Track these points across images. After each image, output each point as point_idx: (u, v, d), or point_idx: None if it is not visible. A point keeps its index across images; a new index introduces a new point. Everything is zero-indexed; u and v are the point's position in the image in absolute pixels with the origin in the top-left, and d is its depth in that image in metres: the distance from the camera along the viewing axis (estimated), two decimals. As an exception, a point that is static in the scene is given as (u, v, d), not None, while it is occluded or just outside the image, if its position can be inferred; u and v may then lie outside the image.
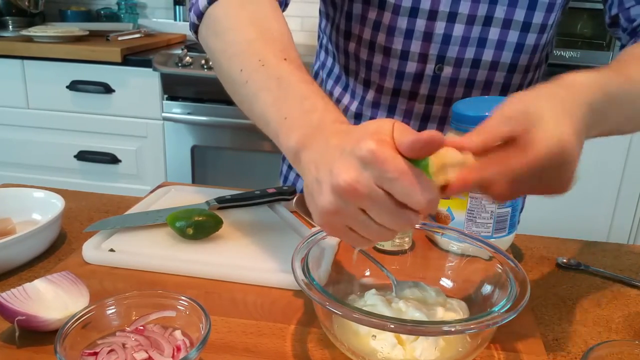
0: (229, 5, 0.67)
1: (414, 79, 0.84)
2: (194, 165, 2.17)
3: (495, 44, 0.80)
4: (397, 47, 0.82)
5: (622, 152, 1.92)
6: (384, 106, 0.87)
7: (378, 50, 0.84)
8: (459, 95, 0.84)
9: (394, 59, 0.83)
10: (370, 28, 0.83)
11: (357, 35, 0.85)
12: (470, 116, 0.69)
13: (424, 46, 0.81)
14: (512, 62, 0.82)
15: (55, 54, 2.08)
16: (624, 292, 0.69)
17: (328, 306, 0.48)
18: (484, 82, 0.84)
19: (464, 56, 0.81)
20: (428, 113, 0.86)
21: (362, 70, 0.87)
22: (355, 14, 0.84)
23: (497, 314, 0.48)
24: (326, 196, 0.45)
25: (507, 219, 0.71)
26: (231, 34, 0.64)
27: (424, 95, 0.85)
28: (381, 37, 0.82)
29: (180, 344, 0.51)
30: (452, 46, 0.81)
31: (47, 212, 0.74)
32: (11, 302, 0.53)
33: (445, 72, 0.83)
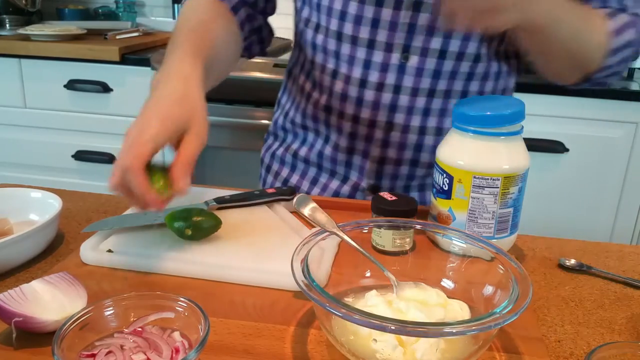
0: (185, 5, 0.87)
1: (381, 68, 0.86)
2: (271, 158, 2.16)
3: (462, 35, 0.83)
4: (364, 36, 0.84)
5: (625, 152, 1.92)
6: (352, 98, 0.89)
7: (345, 40, 0.86)
8: (425, 86, 0.86)
9: (361, 47, 0.85)
10: (337, 18, 0.85)
11: (325, 27, 0.87)
12: (472, 116, 0.69)
13: (389, 35, 0.83)
14: (477, 52, 0.84)
15: (52, 53, 2.07)
16: (627, 293, 0.69)
17: (328, 307, 0.48)
18: (450, 72, 0.85)
19: (429, 46, 0.83)
20: (395, 103, 0.87)
21: (330, 62, 0.89)
22: (323, 5, 0.86)
23: (499, 315, 0.48)
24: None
25: (509, 220, 0.70)
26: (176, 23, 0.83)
27: (391, 85, 0.86)
28: (348, 27, 0.85)
29: (179, 346, 0.51)
30: (417, 35, 0.82)
31: (45, 213, 0.73)
32: (8, 303, 0.52)
33: (411, 61, 0.84)
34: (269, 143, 1.09)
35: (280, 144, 1.05)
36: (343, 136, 0.92)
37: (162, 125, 0.64)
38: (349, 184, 0.96)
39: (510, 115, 0.68)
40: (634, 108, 1.87)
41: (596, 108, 1.88)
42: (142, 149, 0.61)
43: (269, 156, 1.08)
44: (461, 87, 0.87)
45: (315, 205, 0.68)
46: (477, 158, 0.68)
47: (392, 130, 0.88)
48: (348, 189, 0.96)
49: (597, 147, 1.91)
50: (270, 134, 1.09)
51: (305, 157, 1.00)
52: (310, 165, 0.99)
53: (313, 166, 0.99)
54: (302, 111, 0.99)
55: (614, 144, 1.91)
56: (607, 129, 1.90)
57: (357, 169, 0.94)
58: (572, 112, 1.89)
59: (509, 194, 0.69)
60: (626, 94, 1.89)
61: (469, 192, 0.69)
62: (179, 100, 0.66)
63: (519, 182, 0.69)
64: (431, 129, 0.89)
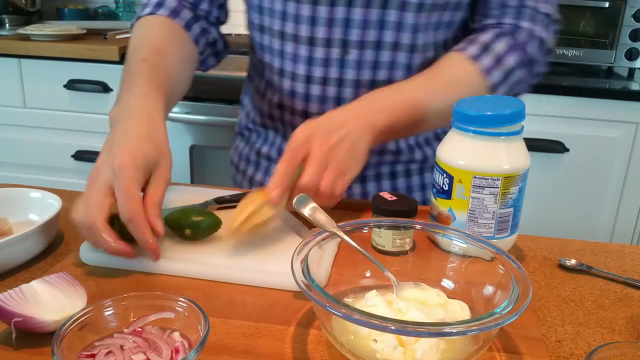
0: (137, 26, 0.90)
1: (323, 63, 0.88)
2: (193, 165, 2.17)
3: (395, 26, 0.85)
4: (304, 34, 0.87)
5: (625, 152, 1.92)
6: (300, 94, 0.92)
7: (288, 39, 0.89)
8: (366, 77, 0.88)
9: (303, 45, 0.88)
10: (279, 19, 0.88)
11: (269, 27, 0.90)
12: (472, 115, 0.69)
13: (328, 31, 0.86)
14: (412, 43, 0.87)
15: (52, 53, 2.07)
16: (627, 294, 0.69)
17: (328, 307, 0.48)
18: (389, 63, 0.88)
19: (366, 39, 0.86)
20: (340, 96, 0.90)
21: (276, 61, 0.92)
22: (265, 7, 0.89)
23: (499, 316, 0.48)
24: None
25: (510, 220, 0.70)
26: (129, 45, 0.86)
27: (335, 78, 0.89)
28: (289, 26, 0.88)
29: (179, 346, 0.51)
30: (354, 29, 0.85)
31: (44, 213, 0.73)
32: (8, 303, 0.52)
33: (351, 55, 0.87)
34: (236, 143, 1.12)
35: (245, 144, 1.08)
36: None
37: (135, 161, 0.65)
38: None
39: (511, 115, 0.68)
40: (634, 108, 1.87)
41: (596, 108, 1.88)
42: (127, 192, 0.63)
43: (236, 156, 1.10)
44: (402, 77, 0.89)
45: (315, 205, 0.68)
46: (477, 158, 0.68)
47: None
48: None
49: (597, 147, 1.91)
50: (237, 135, 1.12)
51: (267, 155, 1.02)
52: (273, 162, 1.02)
53: (274, 162, 1.02)
54: (260, 110, 1.02)
55: (614, 144, 1.91)
56: (608, 129, 1.90)
57: None
58: (572, 112, 1.89)
59: (509, 194, 0.69)
60: (626, 94, 1.89)
61: (469, 192, 0.69)
62: (146, 137, 0.68)
63: (519, 182, 0.69)
64: None
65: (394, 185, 1.00)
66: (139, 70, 0.79)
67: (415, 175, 1.01)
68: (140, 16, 0.91)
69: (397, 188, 1.00)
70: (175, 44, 0.88)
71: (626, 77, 2.10)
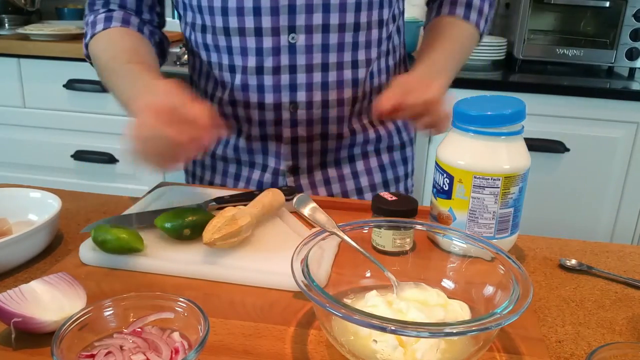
0: (95, 43, 0.93)
1: (273, 53, 0.89)
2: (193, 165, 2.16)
3: (338, 7, 0.87)
4: (249, 26, 0.88)
5: (626, 152, 1.91)
6: (253, 86, 0.92)
7: (233, 34, 0.89)
8: (317, 61, 0.90)
9: (250, 37, 0.89)
10: (220, 15, 0.88)
11: (211, 26, 0.91)
12: (472, 115, 0.69)
13: (274, 20, 0.87)
14: (355, 22, 0.89)
15: (51, 53, 2.07)
16: (627, 294, 0.69)
17: (328, 308, 0.47)
18: (337, 45, 0.90)
19: (312, 23, 0.87)
20: (294, 82, 0.91)
21: (224, 58, 0.93)
22: (203, 6, 0.90)
23: (500, 316, 0.48)
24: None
25: (510, 220, 0.70)
26: (99, 60, 0.91)
27: (286, 66, 0.90)
28: (233, 21, 0.88)
29: (179, 346, 0.50)
30: (299, 15, 0.87)
31: (44, 213, 0.73)
32: (7, 303, 0.52)
33: (299, 40, 0.88)
34: None
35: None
36: (253, 125, 0.95)
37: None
38: (269, 171, 0.99)
39: (511, 115, 0.68)
40: (634, 108, 1.87)
41: (597, 108, 1.88)
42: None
43: (190, 164, 1.11)
44: (350, 58, 0.91)
45: (315, 205, 0.68)
46: (477, 158, 0.68)
47: (297, 109, 0.92)
48: (270, 176, 0.99)
49: (597, 147, 1.91)
50: None
51: (222, 155, 1.03)
52: (229, 162, 1.02)
53: (232, 162, 1.02)
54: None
55: (615, 144, 1.91)
56: (608, 129, 1.90)
57: (273, 154, 0.97)
58: (572, 112, 1.89)
59: (509, 194, 0.68)
60: (627, 93, 1.88)
61: (470, 192, 0.69)
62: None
63: (520, 182, 0.69)
64: (332, 101, 0.93)
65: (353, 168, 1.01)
66: (132, 70, 0.83)
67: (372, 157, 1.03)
68: (94, 34, 0.92)
69: (357, 171, 1.01)
70: (142, 45, 0.91)
71: (627, 77, 2.10)
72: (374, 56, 0.94)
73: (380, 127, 1.02)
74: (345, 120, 0.95)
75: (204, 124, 0.67)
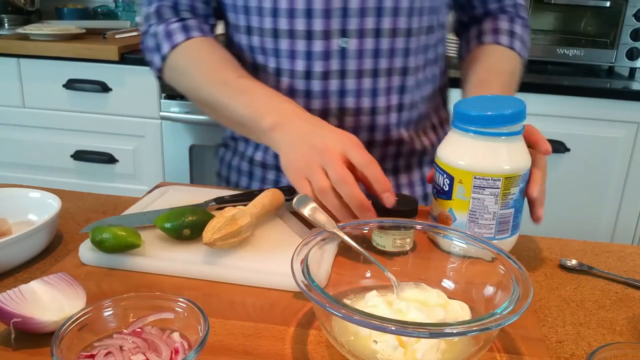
0: (179, 56, 0.91)
1: (323, 57, 0.87)
2: (192, 165, 2.16)
3: (392, 12, 0.86)
4: (300, 29, 0.86)
5: (626, 152, 1.91)
6: (301, 91, 0.90)
7: (282, 36, 0.87)
8: (368, 67, 0.88)
9: (300, 40, 0.87)
10: (270, 16, 0.86)
11: (259, 27, 0.89)
12: (473, 115, 0.69)
13: (325, 23, 0.85)
14: (407, 27, 0.88)
15: (51, 52, 2.07)
16: (628, 294, 0.68)
17: (328, 308, 0.47)
18: (389, 50, 0.88)
19: (365, 27, 0.85)
20: (343, 88, 0.89)
21: (271, 61, 0.91)
22: (252, 7, 0.88)
23: (500, 316, 0.48)
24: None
25: (510, 220, 0.70)
26: (190, 74, 0.90)
27: (336, 71, 0.88)
28: (282, 22, 0.86)
29: (179, 346, 0.50)
30: (352, 18, 0.85)
31: (44, 213, 0.73)
32: (7, 304, 0.52)
33: (350, 45, 0.87)
34: (221, 155, 1.08)
35: (233, 154, 1.05)
36: None
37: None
38: None
39: (512, 115, 0.68)
40: (635, 108, 1.87)
41: (598, 108, 1.88)
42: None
43: (225, 169, 1.07)
44: (401, 64, 0.90)
45: (315, 205, 0.68)
46: (477, 158, 0.68)
47: (345, 115, 0.91)
48: None
49: (598, 147, 1.91)
50: (221, 146, 1.09)
51: (262, 162, 0.99)
52: (269, 169, 0.99)
53: (271, 169, 0.99)
54: None
55: (616, 144, 1.91)
56: (609, 129, 1.90)
57: None
58: (573, 112, 1.89)
59: (509, 194, 0.68)
60: (628, 93, 1.89)
61: (470, 193, 0.68)
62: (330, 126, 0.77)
63: (520, 183, 0.69)
64: (381, 108, 0.91)
65: (397, 181, 0.99)
66: (249, 86, 0.84)
67: (415, 169, 1.01)
68: (174, 45, 0.90)
69: (400, 184, 0.99)
70: (232, 57, 0.91)
71: (627, 77, 2.10)
72: (421, 63, 0.93)
73: (424, 138, 1.00)
74: (392, 128, 0.93)
75: (382, 188, 0.69)
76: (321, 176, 0.69)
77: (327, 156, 0.70)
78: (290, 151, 0.74)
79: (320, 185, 0.69)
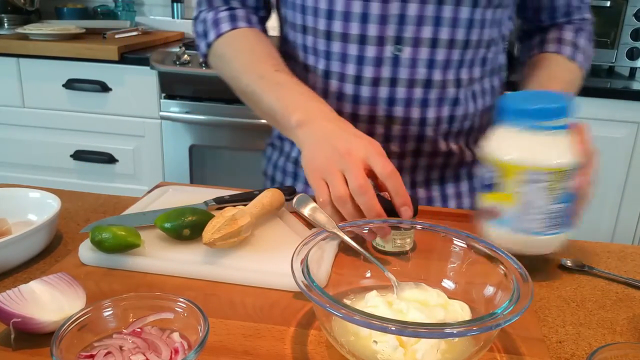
0: (224, 44, 0.92)
1: (375, 63, 0.85)
2: (192, 165, 2.16)
3: (450, 22, 0.83)
4: (354, 33, 0.84)
5: (627, 152, 1.91)
6: (349, 96, 0.89)
7: (336, 39, 0.86)
8: (421, 76, 0.86)
9: (353, 44, 0.85)
10: (325, 18, 0.85)
11: (313, 28, 0.88)
12: (523, 110, 0.67)
13: (380, 29, 0.83)
14: (465, 39, 0.85)
15: (51, 52, 2.07)
16: (628, 294, 0.68)
17: (328, 308, 0.47)
18: (443, 62, 0.86)
19: (421, 36, 0.84)
20: (392, 96, 0.87)
21: (321, 62, 0.89)
22: (308, 7, 0.87)
23: (500, 316, 0.48)
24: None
25: (561, 216, 0.68)
26: (233, 63, 0.90)
27: (387, 78, 0.86)
28: (337, 25, 0.85)
29: (178, 347, 0.50)
30: (408, 26, 0.83)
31: (43, 213, 0.73)
32: (6, 304, 0.52)
33: (404, 53, 0.85)
34: (268, 154, 1.08)
35: (279, 154, 1.05)
36: None
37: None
38: None
39: (556, 110, 0.66)
40: (635, 108, 1.87)
41: (598, 108, 1.88)
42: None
43: (271, 168, 1.07)
44: (455, 76, 0.88)
45: (315, 205, 0.68)
46: (526, 152, 0.66)
47: (393, 123, 0.89)
48: None
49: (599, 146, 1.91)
50: (268, 146, 1.09)
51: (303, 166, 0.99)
52: None
53: None
54: None
55: (616, 144, 1.91)
56: (609, 129, 1.90)
57: None
58: (572, 112, 1.89)
59: (559, 189, 0.67)
60: (629, 93, 1.88)
61: (518, 187, 0.66)
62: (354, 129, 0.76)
63: (570, 177, 0.68)
64: (431, 119, 0.89)
65: (443, 191, 0.97)
66: (284, 80, 0.84)
67: (464, 180, 0.98)
68: (220, 34, 0.91)
69: (447, 195, 0.97)
70: (274, 49, 0.90)
71: (627, 77, 2.10)
72: (477, 75, 0.91)
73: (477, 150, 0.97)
74: (440, 139, 0.91)
75: (402, 201, 0.69)
76: (340, 182, 0.68)
77: (348, 161, 0.69)
78: (312, 150, 0.74)
79: (339, 193, 0.68)
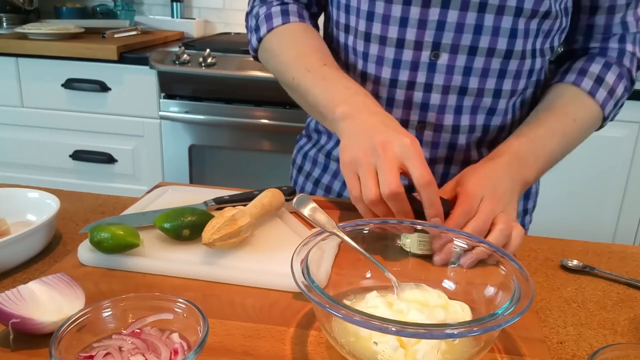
0: (274, 38, 0.92)
1: (411, 67, 0.85)
2: (192, 165, 2.16)
3: (491, 31, 0.81)
4: (392, 36, 0.84)
5: (628, 152, 1.91)
6: (383, 99, 0.88)
7: (374, 41, 0.86)
8: (456, 83, 0.84)
9: (390, 47, 0.85)
10: (365, 19, 0.85)
11: (354, 28, 0.87)
12: None
13: (419, 33, 0.82)
14: (507, 49, 0.83)
15: (50, 52, 2.07)
16: (629, 294, 0.68)
17: (328, 308, 0.47)
18: (481, 70, 0.84)
19: (459, 43, 0.82)
20: (426, 102, 0.86)
21: (359, 63, 0.89)
22: (351, 6, 0.86)
23: (501, 317, 0.48)
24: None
25: None
26: (280, 56, 0.90)
27: (422, 83, 0.85)
28: (376, 27, 0.84)
29: (178, 347, 0.50)
30: (447, 32, 0.81)
31: (42, 213, 0.73)
32: (5, 304, 0.52)
33: (441, 59, 0.83)
34: (301, 144, 1.08)
35: (313, 145, 1.05)
36: None
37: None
38: None
39: None
40: (637, 108, 1.86)
41: (596, 108, 1.87)
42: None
43: (300, 157, 1.07)
44: (494, 86, 0.86)
45: (315, 205, 0.68)
46: None
47: (425, 129, 0.88)
48: None
49: (599, 147, 1.91)
50: (303, 136, 1.09)
51: (339, 157, 0.99)
52: None
53: None
54: None
55: (617, 144, 1.90)
56: (611, 129, 1.89)
57: None
58: (572, 112, 1.89)
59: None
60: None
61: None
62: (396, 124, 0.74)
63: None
64: (464, 127, 0.88)
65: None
66: (331, 74, 0.83)
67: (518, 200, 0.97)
68: (271, 28, 0.91)
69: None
70: (324, 44, 0.90)
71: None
72: (521, 87, 0.88)
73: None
74: (473, 147, 0.90)
75: (435, 213, 0.68)
76: (372, 182, 0.68)
77: (383, 159, 0.68)
78: (350, 141, 0.73)
79: (370, 196, 0.67)
